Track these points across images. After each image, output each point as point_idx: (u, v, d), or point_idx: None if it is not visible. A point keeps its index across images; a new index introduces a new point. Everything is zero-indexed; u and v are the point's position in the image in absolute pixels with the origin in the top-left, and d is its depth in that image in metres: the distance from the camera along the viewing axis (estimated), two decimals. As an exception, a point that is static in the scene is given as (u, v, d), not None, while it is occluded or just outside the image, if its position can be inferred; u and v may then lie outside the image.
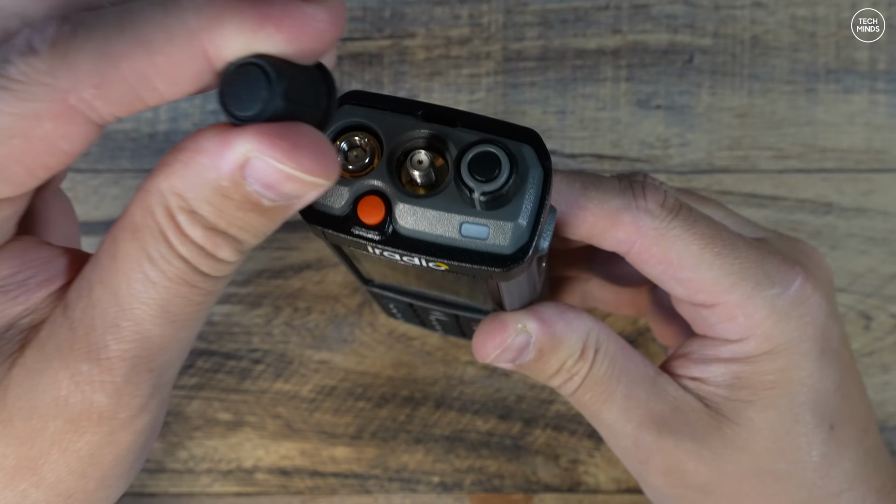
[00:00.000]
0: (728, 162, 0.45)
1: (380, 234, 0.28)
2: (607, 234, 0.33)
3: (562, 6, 0.45)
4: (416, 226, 0.28)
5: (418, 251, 0.28)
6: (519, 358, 0.34)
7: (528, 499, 0.44)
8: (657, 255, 0.33)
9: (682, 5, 0.45)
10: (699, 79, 0.45)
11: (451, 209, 0.28)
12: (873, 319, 0.44)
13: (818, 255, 0.36)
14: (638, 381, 0.34)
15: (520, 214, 0.28)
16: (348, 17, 0.45)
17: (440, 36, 0.45)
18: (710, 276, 0.33)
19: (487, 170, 0.27)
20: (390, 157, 0.28)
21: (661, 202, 0.33)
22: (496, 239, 0.28)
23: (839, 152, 0.45)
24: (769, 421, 0.34)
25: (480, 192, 0.27)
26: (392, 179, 0.28)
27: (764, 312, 0.33)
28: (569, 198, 0.32)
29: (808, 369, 0.34)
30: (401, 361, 0.45)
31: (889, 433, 0.45)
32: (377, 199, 0.28)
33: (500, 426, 0.45)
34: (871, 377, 0.44)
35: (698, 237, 0.33)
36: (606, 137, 0.45)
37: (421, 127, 0.28)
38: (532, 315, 0.34)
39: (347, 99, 0.29)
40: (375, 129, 0.28)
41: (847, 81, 0.45)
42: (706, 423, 0.34)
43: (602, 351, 0.34)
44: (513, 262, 0.28)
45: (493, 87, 0.45)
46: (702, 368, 0.34)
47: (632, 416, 0.34)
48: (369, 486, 0.45)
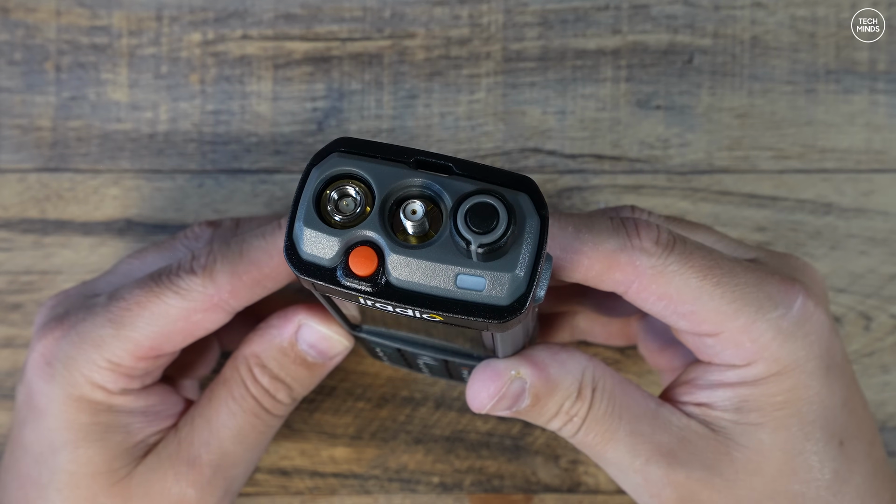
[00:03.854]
0: (728, 162, 0.45)
1: (372, 286, 0.27)
2: (604, 276, 0.32)
3: (562, 6, 0.45)
4: (410, 277, 0.27)
5: (412, 303, 0.27)
6: (515, 405, 0.34)
7: (528, 499, 0.44)
8: (657, 293, 0.32)
9: (682, 5, 0.45)
10: (699, 79, 0.45)
11: (446, 260, 0.27)
12: (873, 320, 0.44)
13: (812, 269, 0.36)
14: (640, 415, 0.34)
15: (517, 265, 0.27)
16: (348, 17, 0.45)
17: (440, 36, 0.45)
18: (713, 307, 0.32)
19: (485, 221, 0.26)
20: (382, 206, 0.27)
21: (655, 239, 0.32)
22: (493, 290, 0.27)
23: (839, 152, 0.45)
24: (780, 442, 0.33)
25: (478, 243, 0.26)
26: (384, 229, 0.27)
27: (770, 335, 0.33)
28: (563, 242, 0.32)
29: (816, 387, 0.33)
30: (401, 362, 0.45)
31: (889, 434, 0.45)
32: (369, 249, 0.27)
33: (500, 426, 0.45)
34: (871, 377, 0.44)
35: (696, 270, 0.32)
36: (606, 138, 0.45)
37: (413, 175, 0.28)
38: (525, 360, 0.34)
39: (337, 146, 0.28)
40: (366, 178, 0.28)
41: (847, 82, 0.45)
42: (715, 450, 0.34)
43: (600, 388, 0.34)
44: (510, 313, 0.27)
45: (493, 87, 0.45)
46: (707, 394, 0.34)
47: (639, 452, 0.34)
48: (369, 486, 0.45)
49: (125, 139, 0.45)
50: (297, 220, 0.28)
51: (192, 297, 0.35)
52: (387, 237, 0.27)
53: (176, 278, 0.35)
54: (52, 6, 0.45)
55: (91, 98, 0.45)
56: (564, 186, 0.45)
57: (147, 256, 0.39)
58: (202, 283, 0.35)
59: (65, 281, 0.45)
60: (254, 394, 0.37)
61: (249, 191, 0.45)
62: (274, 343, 0.37)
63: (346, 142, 0.28)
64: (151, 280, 0.35)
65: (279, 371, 0.37)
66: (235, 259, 0.35)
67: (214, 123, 0.45)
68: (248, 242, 0.35)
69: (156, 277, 0.35)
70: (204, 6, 0.45)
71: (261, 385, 0.37)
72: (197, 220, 0.45)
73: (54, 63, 0.45)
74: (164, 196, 0.45)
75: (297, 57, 0.45)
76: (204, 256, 0.35)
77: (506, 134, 0.45)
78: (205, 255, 0.35)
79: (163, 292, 0.35)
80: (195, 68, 0.45)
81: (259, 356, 0.37)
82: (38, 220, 0.45)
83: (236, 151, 0.45)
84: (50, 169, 0.45)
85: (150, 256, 0.39)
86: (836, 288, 0.44)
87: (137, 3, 0.45)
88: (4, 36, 0.45)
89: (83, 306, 0.37)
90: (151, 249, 0.39)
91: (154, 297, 0.35)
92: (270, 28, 0.45)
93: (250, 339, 0.37)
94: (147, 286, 0.35)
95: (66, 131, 0.45)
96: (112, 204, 0.45)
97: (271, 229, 0.35)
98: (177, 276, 0.35)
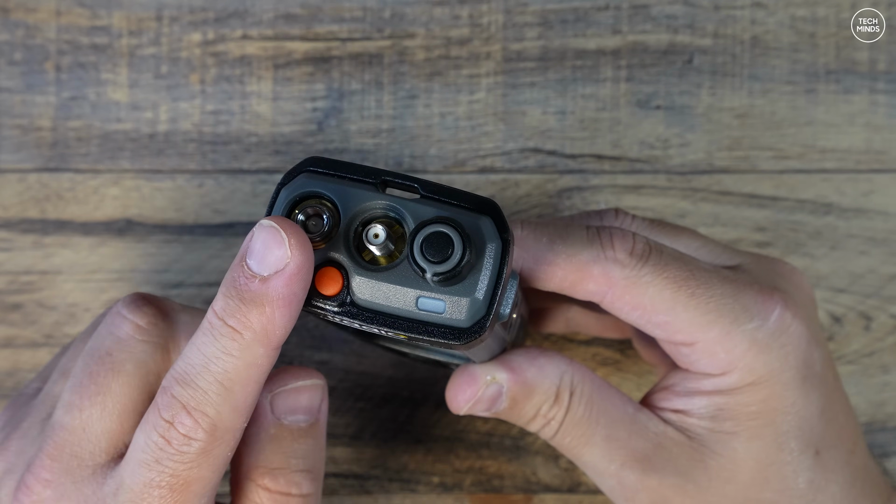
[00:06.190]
0: (728, 162, 0.45)
1: (338, 305, 0.28)
2: (578, 286, 0.33)
3: (562, 6, 0.45)
4: (374, 298, 0.28)
5: (376, 323, 0.28)
6: (493, 408, 0.34)
7: (528, 499, 0.45)
8: (630, 303, 0.33)
9: (682, 5, 0.45)
10: (699, 79, 0.45)
11: (406, 283, 0.28)
12: (873, 320, 0.44)
13: (798, 276, 0.36)
14: (617, 420, 0.34)
15: (476, 289, 0.27)
16: (348, 17, 0.45)
17: (440, 36, 0.45)
18: (686, 318, 0.33)
19: (439, 251, 0.27)
20: (347, 228, 0.28)
21: (629, 250, 0.32)
22: (452, 314, 0.28)
23: (839, 153, 0.45)
24: (754, 451, 0.33)
25: (432, 272, 0.27)
26: (349, 251, 0.28)
27: (744, 346, 0.33)
28: (536, 253, 0.32)
29: (791, 398, 0.33)
30: (401, 361, 0.45)
31: (889, 434, 0.45)
32: (335, 270, 0.28)
33: (500, 426, 0.45)
34: (871, 378, 0.44)
35: (670, 281, 0.32)
36: (606, 138, 0.45)
37: (379, 198, 0.28)
38: (502, 365, 0.34)
39: (306, 165, 0.29)
40: (333, 200, 0.28)
41: (847, 82, 0.45)
42: (689, 457, 0.34)
43: (578, 393, 0.34)
44: (470, 335, 0.28)
45: (493, 87, 0.45)
46: (685, 401, 0.34)
47: (614, 456, 0.34)
48: (369, 486, 0.45)
49: (125, 139, 0.45)
50: None
51: (215, 454, 0.30)
52: (350, 259, 0.28)
53: (181, 455, 0.29)
54: (52, 6, 0.45)
55: (91, 98, 0.45)
56: (564, 186, 0.45)
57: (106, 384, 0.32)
58: (212, 439, 0.30)
59: (65, 281, 0.45)
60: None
61: (249, 191, 0.45)
62: (262, 440, 0.32)
63: (316, 161, 0.29)
64: (157, 472, 0.30)
65: (287, 462, 0.32)
66: (223, 395, 0.29)
67: (214, 123, 0.45)
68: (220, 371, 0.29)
69: (156, 466, 0.30)
70: (204, 6, 0.45)
71: (280, 493, 0.32)
72: (197, 221, 0.45)
73: (54, 63, 0.45)
74: (164, 196, 0.45)
75: (297, 57, 0.45)
76: (187, 417, 0.29)
77: (506, 134, 0.45)
78: (186, 416, 0.29)
79: (187, 475, 0.30)
80: (195, 68, 0.45)
81: (259, 465, 0.32)
82: (38, 220, 0.45)
83: (236, 151, 0.45)
84: (50, 169, 0.45)
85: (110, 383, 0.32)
86: (836, 288, 0.44)
87: (137, 3, 0.45)
88: (4, 36, 0.45)
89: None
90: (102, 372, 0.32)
91: (183, 488, 0.30)
92: (270, 28, 0.45)
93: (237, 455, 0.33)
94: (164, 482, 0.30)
95: (66, 131, 0.45)
96: (112, 204, 0.45)
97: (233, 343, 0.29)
98: (181, 453, 0.29)
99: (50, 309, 0.45)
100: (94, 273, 0.45)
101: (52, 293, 0.44)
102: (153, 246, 0.45)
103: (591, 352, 0.45)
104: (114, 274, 0.45)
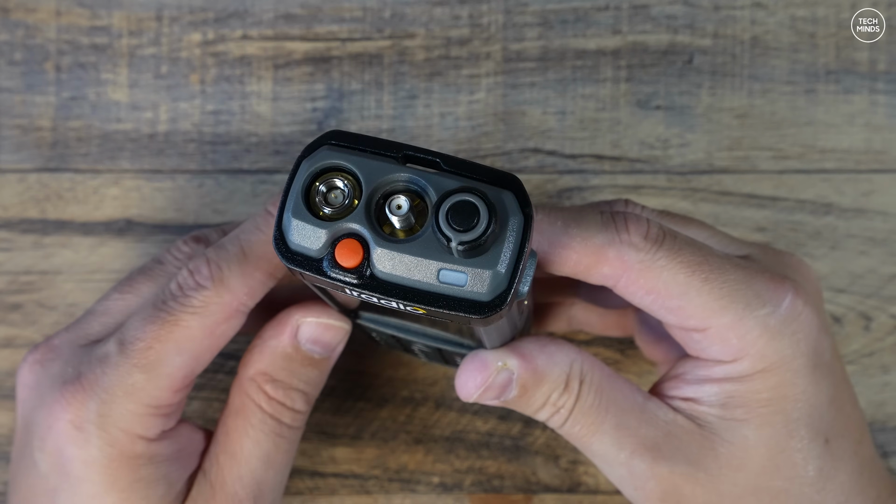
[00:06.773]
0: (728, 162, 0.45)
1: (357, 278, 0.28)
2: (592, 270, 0.33)
3: (562, 6, 0.45)
4: (394, 270, 0.28)
5: (395, 296, 0.28)
6: (503, 395, 0.34)
7: (528, 499, 0.45)
8: (645, 287, 0.33)
9: (682, 6, 0.45)
10: (699, 79, 0.45)
11: (428, 255, 0.27)
12: (873, 320, 0.44)
13: (806, 267, 0.36)
14: (627, 409, 0.34)
15: (498, 262, 0.27)
16: (348, 18, 0.45)
17: (440, 36, 0.45)
18: (700, 303, 0.33)
19: (465, 219, 0.27)
20: (369, 200, 0.28)
21: (644, 234, 0.32)
22: (474, 286, 0.27)
23: (839, 153, 0.45)
24: (764, 438, 0.33)
25: (458, 241, 0.27)
26: (370, 223, 0.28)
27: (756, 332, 0.33)
28: (551, 236, 0.32)
29: (802, 385, 0.33)
30: (400, 361, 0.45)
31: (889, 434, 0.45)
32: (355, 242, 0.28)
33: (500, 426, 0.45)
34: (871, 377, 0.44)
35: (684, 265, 0.32)
36: (606, 138, 0.45)
37: (401, 171, 0.28)
38: (512, 352, 0.34)
39: (328, 138, 0.29)
40: (355, 172, 0.28)
41: (847, 82, 0.45)
42: (700, 445, 0.34)
43: (587, 381, 0.34)
44: (490, 309, 0.28)
45: (493, 87, 0.45)
46: (695, 389, 0.34)
47: (624, 445, 0.34)
48: (369, 486, 0.45)
49: (125, 139, 0.45)
50: (286, 211, 0.28)
51: (210, 311, 0.34)
52: (372, 231, 0.28)
53: (186, 298, 0.34)
54: (52, 6, 0.45)
55: (91, 98, 0.45)
56: (564, 186, 0.45)
57: (139, 286, 0.37)
58: (216, 294, 0.34)
59: (65, 281, 0.45)
60: (272, 413, 0.36)
61: (249, 191, 0.45)
62: (277, 353, 0.36)
63: (337, 135, 0.29)
64: (158, 309, 0.34)
65: (291, 379, 0.36)
66: (240, 259, 0.34)
67: (214, 123, 0.45)
68: (246, 239, 0.35)
69: (162, 306, 0.34)
70: (204, 6, 0.45)
71: (277, 401, 0.36)
72: (197, 221, 0.45)
73: (54, 63, 0.45)
74: (164, 196, 0.45)
75: (297, 57, 0.45)
76: (205, 267, 0.34)
77: (506, 134, 0.45)
78: (205, 265, 0.34)
79: (179, 318, 0.34)
80: (195, 68, 0.45)
81: (266, 372, 0.36)
82: (38, 220, 0.45)
83: (236, 151, 0.45)
84: (50, 169, 0.45)
85: (142, 285, 0.37)
86: (836, 288, 0.44)
87: (137, 3, 0.45)
88: (4, 36, 0.45)
89: (92, 360, 0.35)
90: (140, 278, 0.37)
91: (172, 326, 0.34)
92: (270, 28, 0.45)
93: (250, 358, 0.36)
94: (158, 317, 0.34)
95: (66, 131, 0.45)
96: (112, 204, 0.45)
97: (264, 220, 0.35)
98: (186, 297, 0.34)
99: (50, 309, 0.45)
100: (94, 273, 0.45)
101: (52, 293, 0.44)
102: (153, 246, 0.45)
103: (591, 352, 0.45)
104: (114, 274, 0.45)
